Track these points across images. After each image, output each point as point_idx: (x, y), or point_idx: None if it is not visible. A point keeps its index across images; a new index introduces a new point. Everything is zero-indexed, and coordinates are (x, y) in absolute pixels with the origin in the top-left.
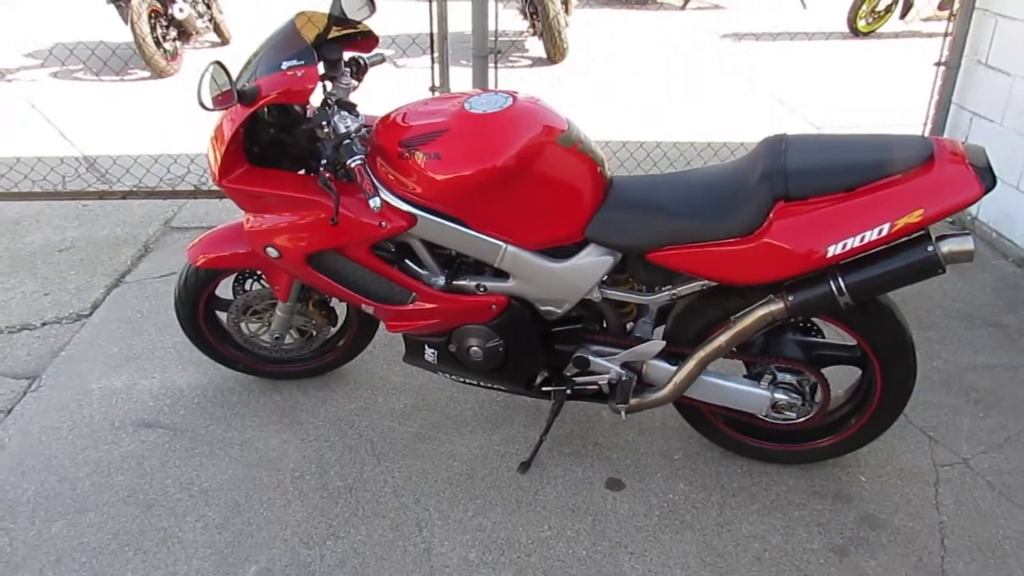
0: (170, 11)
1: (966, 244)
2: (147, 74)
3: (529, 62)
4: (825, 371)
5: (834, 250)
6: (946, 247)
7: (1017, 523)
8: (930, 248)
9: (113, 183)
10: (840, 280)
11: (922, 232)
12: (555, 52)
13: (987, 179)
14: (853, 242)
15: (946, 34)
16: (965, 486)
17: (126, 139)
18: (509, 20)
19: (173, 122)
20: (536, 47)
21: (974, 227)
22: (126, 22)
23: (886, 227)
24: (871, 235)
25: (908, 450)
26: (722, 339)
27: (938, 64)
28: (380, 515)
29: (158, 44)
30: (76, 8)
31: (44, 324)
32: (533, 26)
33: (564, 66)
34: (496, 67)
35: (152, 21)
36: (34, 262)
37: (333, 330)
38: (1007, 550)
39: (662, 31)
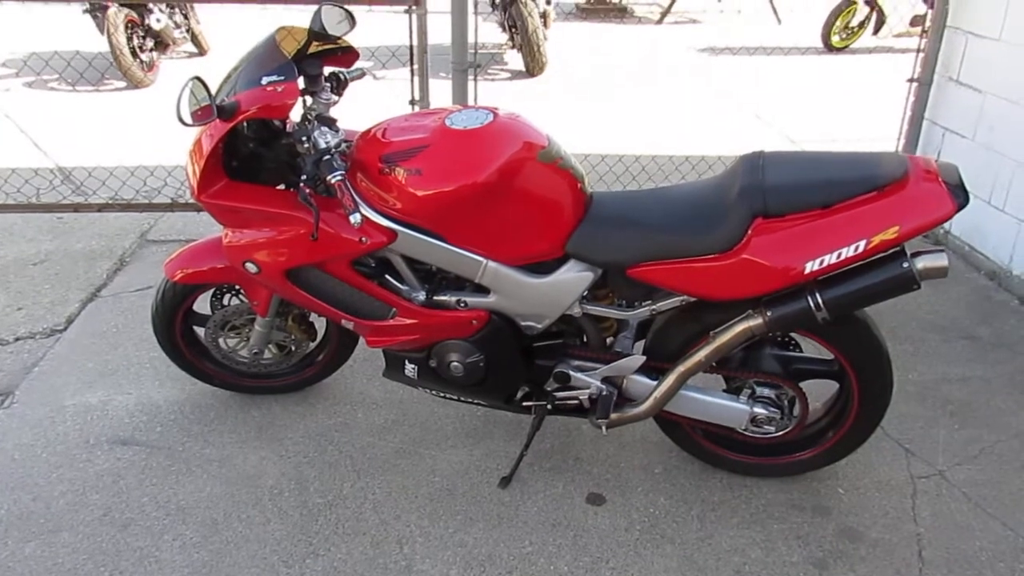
0: (147, 21)
1: (940, 260)
2: (123, 85)
3: (508, 75)
4: (803, 385)
5: (811, 266)
6: (921, 263)
7: (992, 534)
8: (905, 264)
9: (89, 195)
10: (817, 296)
11: (897, 248)
12: (534, 65)
13: (960, 196)
14: (830, 258)
15: (918, 51)
16: (941, 498)
17: (102, 150)
18: (488, 33)
19: (150, 133)
20: (515, 60)
21: (947, 241)
22: (102, 32)
23: (862, 244)
24: (848, 251)
25: (885, 462)
26: (702, 354)
27: (911, 80)
28: (361, 532)
29: (135, 55)
30: (52, 18)
31: (17, 339)
32: (512, 39)
33: (543, 79)
34: (475, 80)
35: (129, 31)
36: (7, 276)
37: (312, 345)
38: (983, 561)
39: (640, 45)
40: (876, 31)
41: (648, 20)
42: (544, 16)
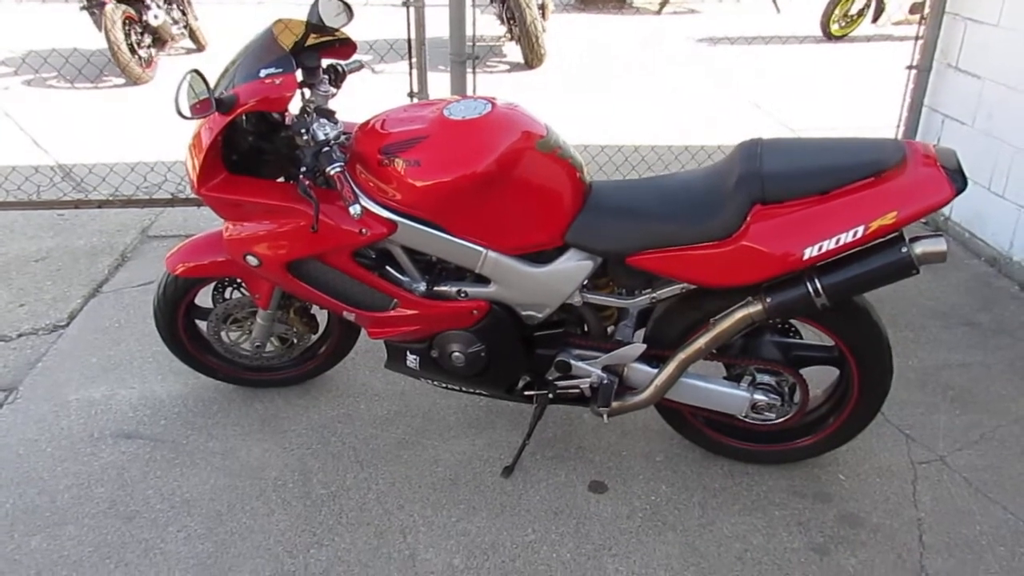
0: (145, 18)
1: (939, 245)
2: (122, 81)
3: (507, 67)
4: (803, 371)
5: (810, 252)
6: (919, 248)
7: (993, 519)
8: (904, 249)
9: (89, 192)
10: (816, 282)
11: (896, 234)
12: (533, 57)
13: (958, 181)
14: (829, 244)
15: (917, 38)
16: (942, 483)
17: (102, 147)
18: (487, 25)
19: (149, 129)
20: (514, 52)
21: (947, 227)
22: (100, 29)
23: (861, 229)
24: (846, 237)
25: (886, 448)
26: (702, 341)
27: (910, 67)
28: (364, 522)
29: (133, 51)
30: (49, 15)
31: (20, 335)
32: (511, 31)
33: (542, 71)
34: (474, 72)
35: (127, 28)
36: (9, 273)
37: (314, 337)
38: (983, 545)
39: (638, 35)
40: (875, 19)
41: (647, 11)
42: (542, 7)
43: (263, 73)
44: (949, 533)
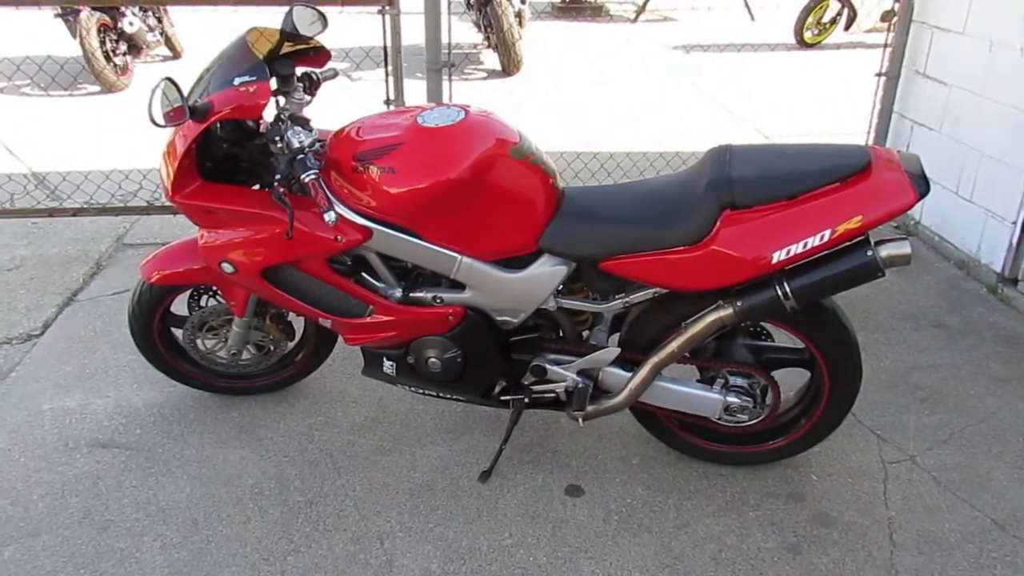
0: (120, 25)
1: (903, 248)
2: (97, 89)
3: (484, 74)
4: (775, 374)
5: (779, 256)
6: (884, 251)
7: (962, 516)
8: (869, 253)
9: (63, 200)
10: (785, 285)
11: (862, 237)
12: (510, 64)
13: (921, 186)
14: (796, 248)
15: (886, 45)
16: (912, 482)
17: (76, 155)
18: (464, 33)
19: (124, 137)
20: (491, 59)
21: (917, 231)
22: (75, 36)
23: (827, 233)
24: (813, 241)
25: (857, 449)
26: (674, 345)
27: (879, 74)
28: (341, 529)
29: (108, 58)
30: (22, 22)
31: None
32: (487, 39)
33: (519, 78)
34: (450, 80)
35: (102, 35)
36: None
37: (291, 345)
38: (952, 542)
39: (614, 43)
40: (847, 27)
41: (622, 19)
42: (519, 15)
43: (237, 81)
44: (919, 531)
